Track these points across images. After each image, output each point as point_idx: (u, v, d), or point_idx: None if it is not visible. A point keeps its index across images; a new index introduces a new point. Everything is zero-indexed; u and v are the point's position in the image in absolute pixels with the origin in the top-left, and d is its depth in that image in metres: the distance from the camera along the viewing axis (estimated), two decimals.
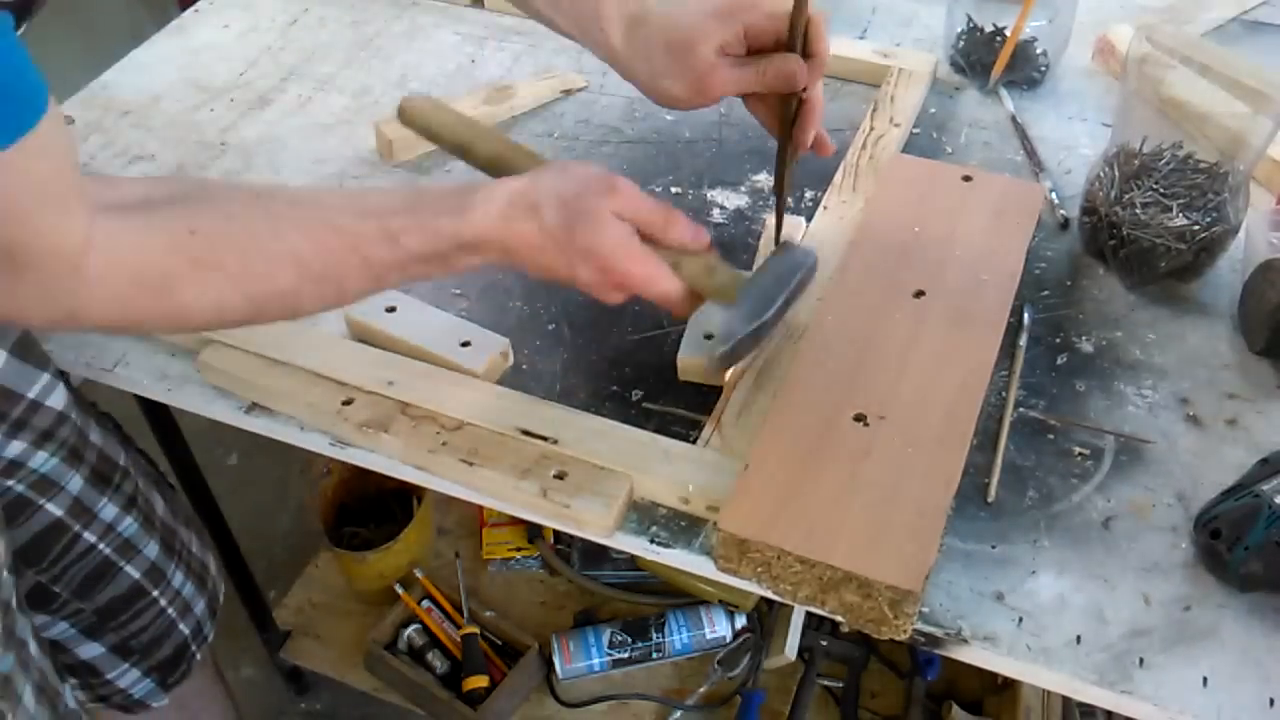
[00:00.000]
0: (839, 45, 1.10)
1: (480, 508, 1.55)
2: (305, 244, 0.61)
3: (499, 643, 1.46)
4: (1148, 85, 0.82)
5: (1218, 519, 0.67)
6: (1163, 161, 0.82)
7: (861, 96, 1.07)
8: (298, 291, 0.62)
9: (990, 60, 1.05)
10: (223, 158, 1.04)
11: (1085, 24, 1.08)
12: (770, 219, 0.89)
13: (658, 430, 0.77)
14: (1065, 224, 0.92)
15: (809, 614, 1.44)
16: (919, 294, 0.80)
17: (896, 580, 0.63)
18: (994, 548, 0.70)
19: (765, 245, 0.87)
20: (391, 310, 0.84)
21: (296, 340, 0.82)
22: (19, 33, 0.53)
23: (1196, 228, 0.81)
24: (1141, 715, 0.64)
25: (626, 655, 1.45)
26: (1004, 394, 0.79)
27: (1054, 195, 0.94)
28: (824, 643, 1.43)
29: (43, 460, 0.82)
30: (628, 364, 0.83)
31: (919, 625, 0.66)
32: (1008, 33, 1.04)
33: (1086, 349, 0.83)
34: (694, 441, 0.76)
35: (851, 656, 1.43)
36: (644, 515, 0.73)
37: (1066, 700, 1.26)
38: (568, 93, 1.10)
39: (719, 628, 1.46)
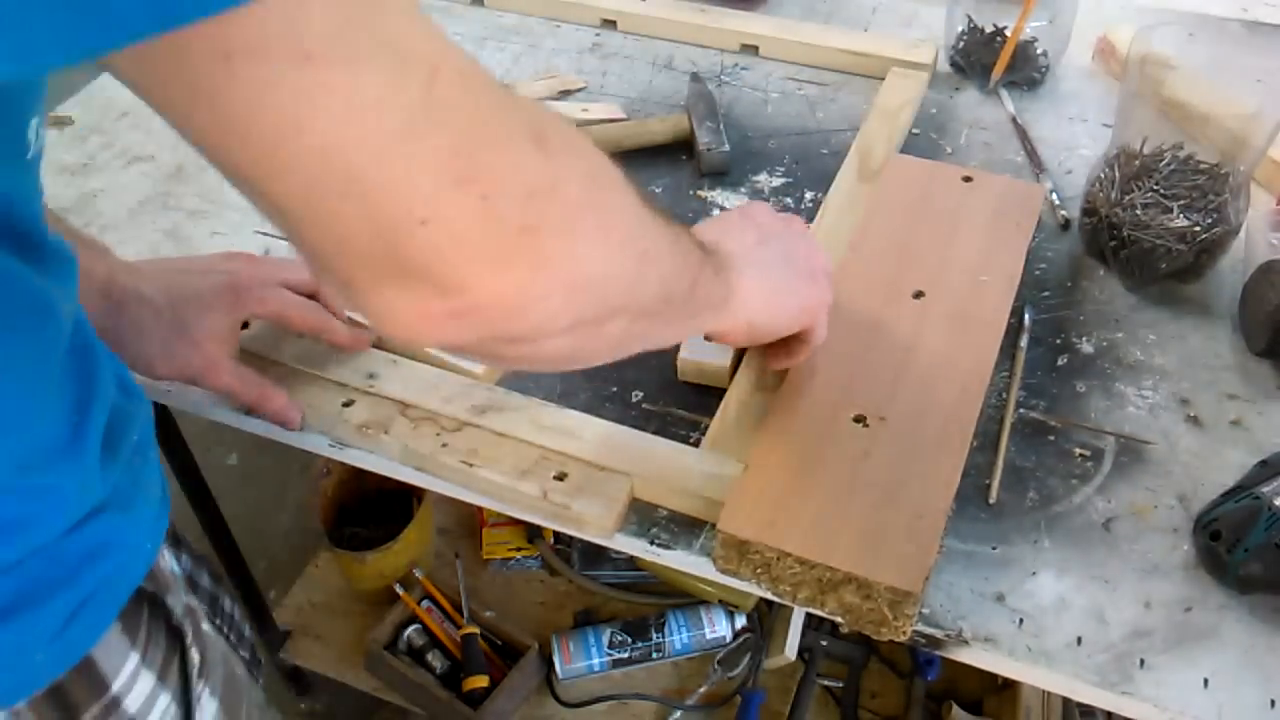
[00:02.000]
0: (832, 37, 1.10)
1: (480, 508, 1.55)
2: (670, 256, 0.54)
3: (499, 643, 1.46)
4: (1148, 86, 0.82)
5: (1218, 520, 0.67)
6: (1163, 162, 0.82)
7: (859, 90, 1.07)
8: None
9: (990, 60, 1.05)
10: None
11: (1086, 24, 1.08)
12: None
13: (658, 431, 0.77)
14: (1066, 225, 0.92)
15: (809, 614, 1.44)
16: (919, 295, 0.80)
17: (896, 581, 0.63)
18: (994, 549, 0.70)
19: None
20: None
21: (294, 342, 0.82)
22: None
23: (1197, 229, 0.81)
24: (1142, 716, 0.64)
25: (626, 655, 1.45)
26: (1004, 395, 0.79)
27: (1054, 196, 0.94)
28: (824, 643, 1.43)
29: None
30: (628, 365, 0.83)
31: (919, 626, 0.66)
32: (1008, 33, 1.04)
33: (1087, 350, 0.82)
34: (695, 444, 0.76)
35: (851, 656, 1.43)
36: (644, 516, 0.73)
37: (1066, 701, 1.26)
38: (566, 93, 1.10)
39: (719, 628, 1.46)
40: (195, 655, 0.66)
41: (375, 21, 0.36)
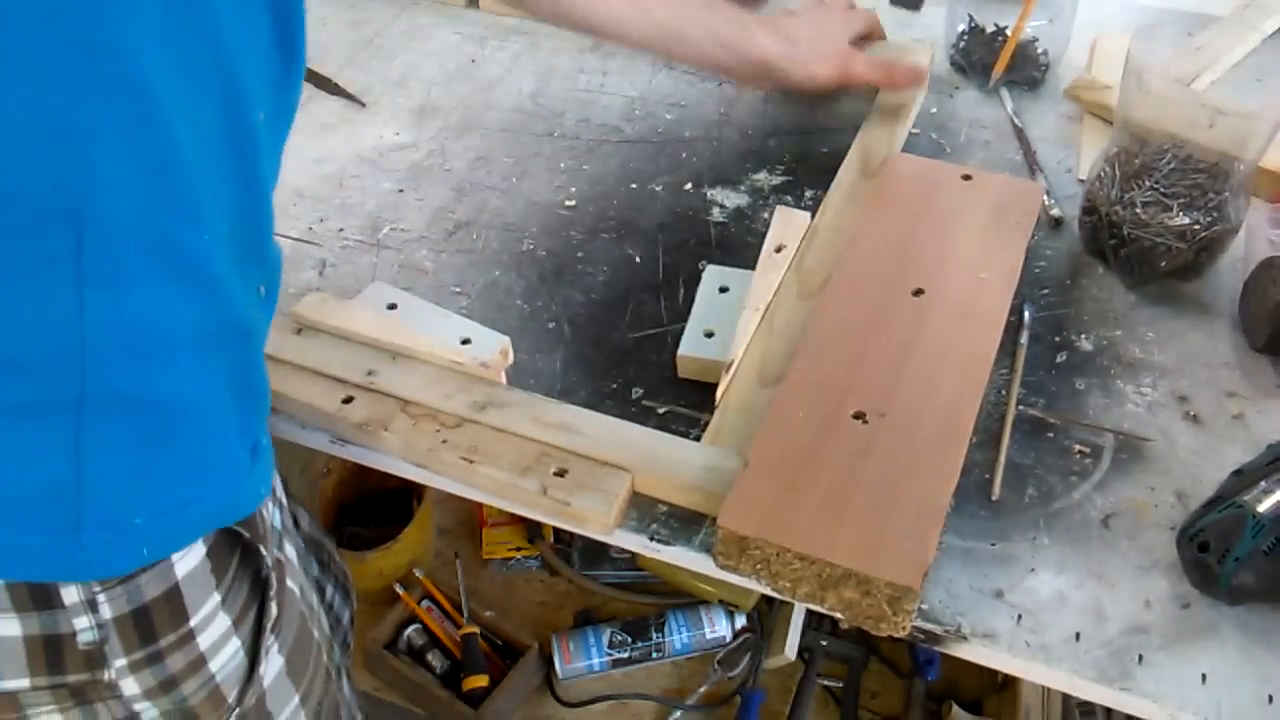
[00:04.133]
0: None
1: (480, 507, 1.55)
2: None
3: (499, 642, 1.46)
4: (1147, 85, 0.82)
5: (1205, 531, 0.66)
6: (1163, 161, 0.82)
7: (860, 89, 1.07)
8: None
9: (991, 60, 1.05)
10: None
11: (1086, 24, 1.08)
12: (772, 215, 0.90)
13: (658, 428, 0.77)
14: (1057, 223, 0.92)
15: (809, 614, 1.44)
16: (919, 292, 0.80)
17: (895, 577, 0.63)
18: (993, 545, 0.71)
19: (768, 242, 0.87)
20: (392, 307, 0.84)
21: (294, 340, 0.82)
22: None
23: (1197, 227, 0.81)
24: (1141, 712, 0.64)
25: (626, 655, 1.45)
26: (1004, 392, 0.79)
27: (1050, 197, 0.94)
28: (824, 642, 1.43)
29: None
30: (628, 362, 0.84)
31: (918, 622, 0.66)
32: (1009, 32, 1.04)
33: (1086, 347, 0.83)
34: (695, 439, 0.76)
35: (851, 656, 1.44)
36: (644, 512, 0.73)
37: (1066, 699, 1.26)
38: None
39: (719, 628, 1.46)
40: (273, 609, 0.69)
41: None
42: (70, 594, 0.58)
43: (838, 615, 0.67)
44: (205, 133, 0.55)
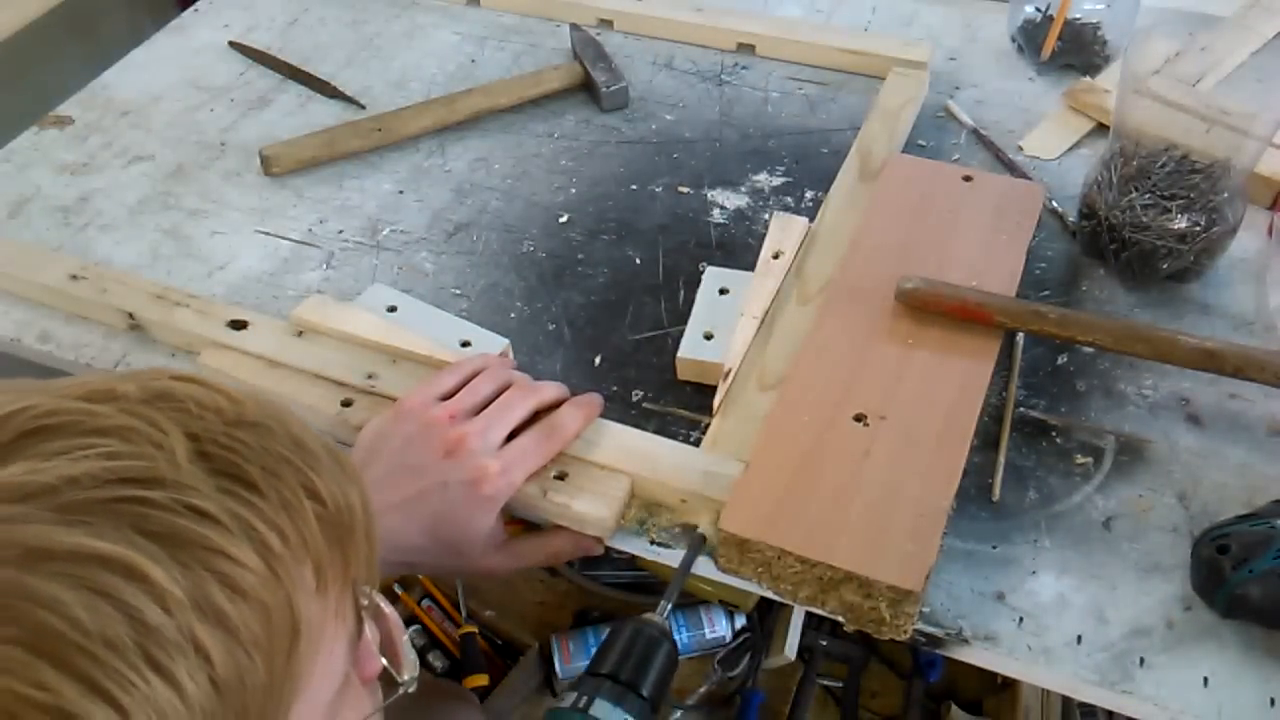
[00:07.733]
0: (832, 37, 1.10)
1: None
2: None
3: (499, 642, 1.46)
4: (1145, 86, 0.82)
5: (1229, 537, 0.66)
6: (1159, 164, 0.82)
7: (859, 90, 1.07)
8: None
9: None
10: (223, 158, 1.04)
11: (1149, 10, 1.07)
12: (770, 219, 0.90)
13: (658, 431, 0.77)
14: (1075, 234, 0.91)
15: (809, 614, 1.44)
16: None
17: (897, 580, 0.63)
18: (994, 548, 0.70)
19: (765, 249, 0.87)
20: (392, 310, 0.84)
21: (294, 343, 0.82)
22: None
23: (1197, 229, 0.81)
24: (1142, 715, 0.64)
25: None
26: (1004, 394, 0.79)
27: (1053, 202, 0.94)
28: (824, 643, 1.43)
29: None
30: (628, 364, 0.84)
31: (920, 625, 0.66)
32: (1080, 18, 1.05)
33: (1087, 348, 0.82)
34: (695, 443, 0.76)
35: (851, 656, 1.43)
36: (644, 516, 0.73)
37: (1066, 700, 1.26)
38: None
39: (719, 628, 1.46)
40: None
41: None
42: None
43: (839, 618, 0.67)
44: None
